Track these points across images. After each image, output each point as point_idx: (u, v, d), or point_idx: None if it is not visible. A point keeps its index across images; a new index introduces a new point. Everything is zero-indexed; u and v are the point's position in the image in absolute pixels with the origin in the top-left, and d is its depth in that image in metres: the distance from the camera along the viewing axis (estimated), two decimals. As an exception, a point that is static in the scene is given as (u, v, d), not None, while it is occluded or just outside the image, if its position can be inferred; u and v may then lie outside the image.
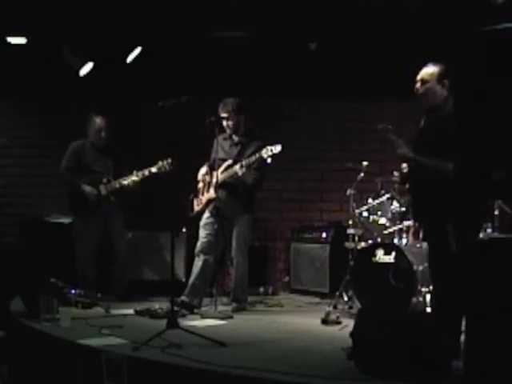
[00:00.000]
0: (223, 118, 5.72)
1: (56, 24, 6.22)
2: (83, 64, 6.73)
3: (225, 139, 5.87)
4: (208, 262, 5.62)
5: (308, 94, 7.27)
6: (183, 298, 5.51)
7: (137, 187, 6.11)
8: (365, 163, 6.12)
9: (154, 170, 6.00)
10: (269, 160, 5.49)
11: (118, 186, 6.09)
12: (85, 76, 6.79)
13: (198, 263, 5.65)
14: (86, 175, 6.11)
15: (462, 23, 5.16)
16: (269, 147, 5.46)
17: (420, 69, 4.41)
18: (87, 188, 6.05)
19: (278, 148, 5.45)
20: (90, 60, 6.75)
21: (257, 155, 5.51)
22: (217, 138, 5.73)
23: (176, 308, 5.03)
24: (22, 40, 6.66)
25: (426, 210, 4.19)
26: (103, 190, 6.10)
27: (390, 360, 3.43)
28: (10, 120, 7.64)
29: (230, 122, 5.74)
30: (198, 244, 5.70)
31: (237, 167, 5.57)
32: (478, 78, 2.91)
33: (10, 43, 6.66)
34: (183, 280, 6.59)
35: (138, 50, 6.78)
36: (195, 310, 5.47)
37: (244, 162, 5.56)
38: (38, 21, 6.19)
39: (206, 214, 5.73)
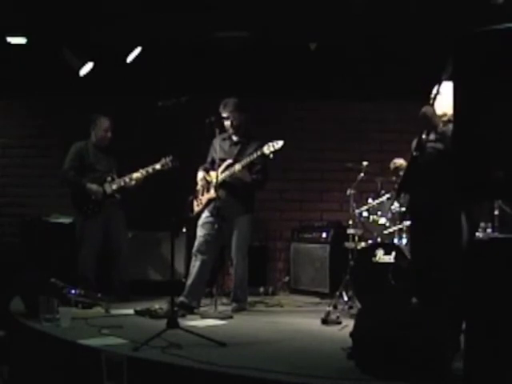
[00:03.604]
0: (224, 118, 5.72)
1: (56, 24, 6.22)
2: (83, 64, 6.73)
3: (224, 139, 5.87)
4: (205, 262, 5.62)
5: (308, 94, 7.27)
6: (182, 298, 5.51)
7: (140, 184, 6.12)
8: (365, 163, 6.12)
9: (158, 166, 6.02)
10: (271, 156, 5.50)
11: (122, 183, 6.11)
12: (85, 76, 6.80)
13: (195, 263, 5.65)
14: (89, 175, 6.12)
15: (462, 23, 5.16)
16: (270, 143, 5.48)
17: (420, 69, 4.40)
18: (94, 187, 6.06)
19: (279, 143, 5.46)
20: (90, 60, 6.75)
21: (258, 152, 5.52)
22: (215, 139, 5.73)
23: (176, 308, 5.04)
24: (22, 40, 6.66)
25: (432, 199, 4.18)
26: (108, 188, 6.11)
27: (390, 360, 3.43)
28: (10, 120, 7.65)
29: (232, 122, 5.75)
30: (196, 243, 5.69)
31: (236, 166, 5.59)
32: (477, 78, 2.91)
33: (10, 43, 6.67)
34: (183, 280, 6.59)
35: (137, 50, 6.78)
36: (195, 311, 5.48)
37: (244, 161, 5.57)
38: (37, 21, 6.19)
39: (206, 214, 5.73)
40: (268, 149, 5.47)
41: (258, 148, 5.58)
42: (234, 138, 5.86)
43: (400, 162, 4.60)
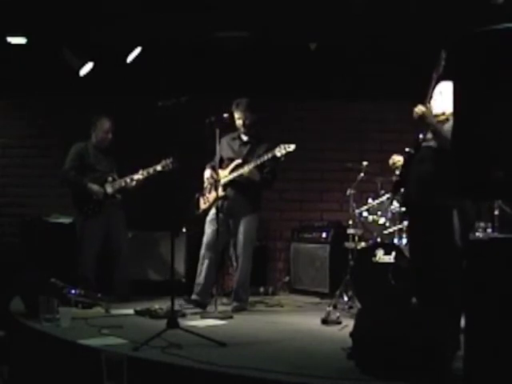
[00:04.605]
0: (236, 117, 5.73)
1: (56, 24, 6.22)
2: (83, 64, 6.73)
3: (233, 139, 5.88)
4: (213, 261, 5.65)
5: (308, 94, 7.27)
6: (195, 297, 5.58)
7: (140, 185, 6.12)
8: (365, 163, 6.13)
9: (158, 167, 6.02)
10: (282, 159, 5.52)
11: (123, 184, 6.11)
12: (85, 76, 6.80)
13: (204, 261, 5.70)
14: (90, 175, 6.11)
15: (462, 23, 5.16)
16: (282, 145, 5.51)
17: (420, 69, 4.42)
18: (95, 187, 6.05)
19: (291, 147, 5.50)
20: (90, 60, 6.75)
21: (269, 154, 5.54)
22: (222, 138, 5.72)
23: (178, 307, 5.12)
24: (22, 40, 6.67)
25: (425, 195, 4.21)
26: (109, 188, 6.11)
27: (390, 360, 3.43)
28: (10, 120, 7.65)
29: (244, 122, 5.76)
30: (204, 240, 5.72)
31: (246, 167, 5.60)
32: (477, 78, 2.92)
33: (10, 43, 6.67)
34: (183, 280, 6.60)
35: (137, 50, 6.78)
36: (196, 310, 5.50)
37: (255, 162, 5.59)
38: (37, 21, 6.19)
39: (213, 211, 5.73)
40: (279, 151, 5.50)
41: (268, 150, 5.61)
42: (244, 138, 5.87)
43: (399, 158, 4.61)
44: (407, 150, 4.32)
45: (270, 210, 7.37)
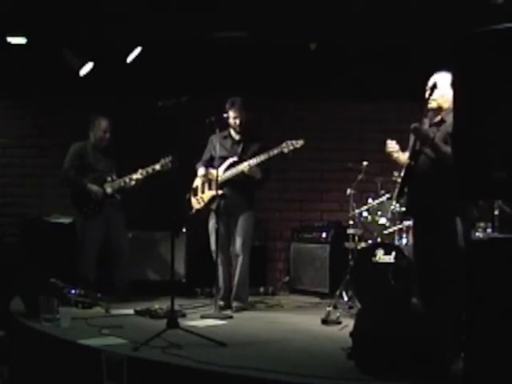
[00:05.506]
0: (232, 116, 5.72)
1: (56, 24, 6.22)
2: (83, 64, 6.73)
3: (225, 137, 5.86)
4: (226, 263, 5.82)
5: (308, 94, 7.27)
6: (236, 304, 5.66)
7: (140, 185, 6.12)
8: (365, 163, 6.13)
9: (157, 167, 6.02)
10: (291, 154, 5.51)
11: (122, 183, 6.10)
12: (85, 76, 6.80)
13: (219, 268, 5.75)
14: (89, 175, 6.11)
15: (462, 23, 5.16)
16: (289, 141, 5.49)
17: (420, 69, 4.42)
18: (94, 187, 6.05)
19: (299, 143, 5.48)
20: (90, 60, 6.75)
21: (275, 151, 5.53)
22: (214, 136, 5.71)
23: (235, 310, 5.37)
24: (22, 40, 6.66)
25: (428, 204, 4.22)
26: (108, 188, 6.10)
27: (390, 360, 3.43)
28: (10, 120, 7.65)
29: (241, 121, 5.74)
30: (213, 248, 5.71)
31: (247, 164, 5.58)
32: (477, 78, 2.92)
33: (10, 43, 6.67)
34: (183, 280, 6.60)
35: (137, 50, 6.78)
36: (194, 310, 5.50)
37: (258, 158, 5.56)
38: (38, 21, 6.19)
39: (212, 216, 5.72)
40: (287, 147, 5.48)
41: (261, 150, 5.60)
42: (237, 137, 5.86)
43: (394, 146, 4.59)
44: (408, 162, 4.32)
45: (270, 210, 7.38)
